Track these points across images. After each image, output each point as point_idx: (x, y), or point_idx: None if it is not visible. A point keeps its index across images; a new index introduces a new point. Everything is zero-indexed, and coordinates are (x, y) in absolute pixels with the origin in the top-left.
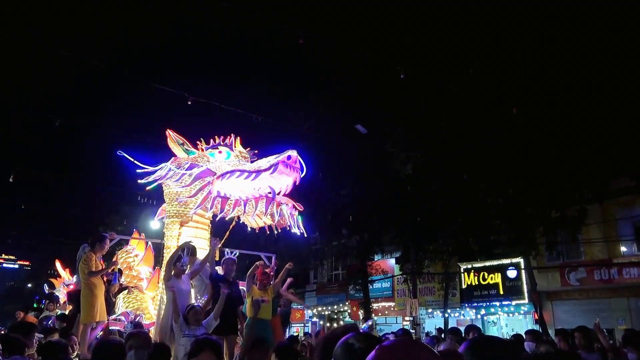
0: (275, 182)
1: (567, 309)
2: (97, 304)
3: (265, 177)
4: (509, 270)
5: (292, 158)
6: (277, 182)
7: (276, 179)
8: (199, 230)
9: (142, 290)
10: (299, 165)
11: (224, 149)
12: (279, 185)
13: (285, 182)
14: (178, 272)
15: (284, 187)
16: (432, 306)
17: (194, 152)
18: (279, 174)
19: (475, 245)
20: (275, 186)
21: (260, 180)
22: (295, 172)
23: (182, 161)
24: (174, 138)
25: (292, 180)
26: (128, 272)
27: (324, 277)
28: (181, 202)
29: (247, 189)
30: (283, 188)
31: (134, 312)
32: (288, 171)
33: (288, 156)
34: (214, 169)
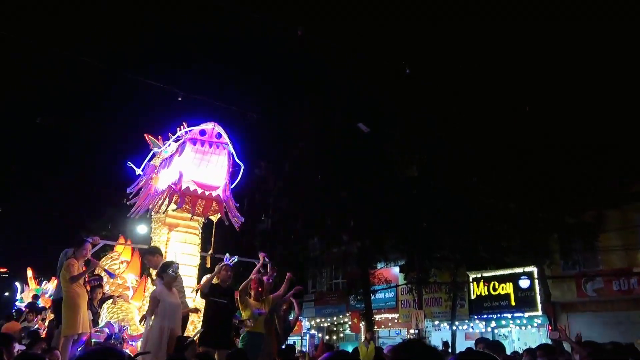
0: (212, 166)
1: (584, 322)
2: (79, 314)
3: (180, 162)
4: (522, 280)
5: (207, 132)
6: (213, 167)
7: (209, 162)
8: (189, 235)
9: (128, 299)
10: (226, 140)
11: (175, 142)
12: (219, 168)
13: (221, 162)
14: (169, 281)
15: (222, 170)
16: (438, 318)
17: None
18: (203, 155)
19: (485, 253)
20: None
21: (174, 166)
22: (223, 149)
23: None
24: (148, 141)
25: (225, 158)
26: (113, 280)
27: (323, 287)
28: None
29: (166, 180)
30: (221, 171)
31: (118, 323)
32: (212, 149)
33: (201, 131)
34: (156, 164)
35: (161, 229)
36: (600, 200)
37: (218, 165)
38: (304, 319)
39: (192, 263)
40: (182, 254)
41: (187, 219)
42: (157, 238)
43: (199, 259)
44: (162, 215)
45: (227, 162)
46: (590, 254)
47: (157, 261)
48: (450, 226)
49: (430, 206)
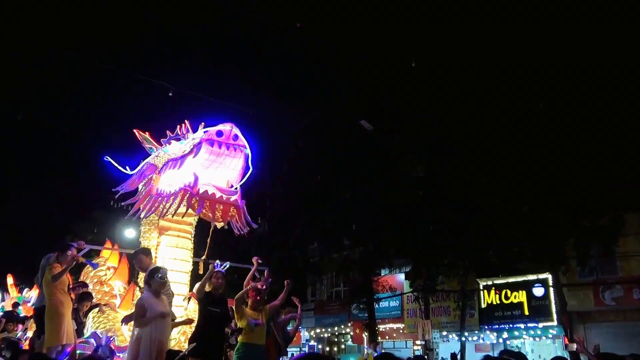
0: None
1: (602, 333)
2: (63, 324)
3: (193, 163)
4: (535, 288)
5: (224, 134)
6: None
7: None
8: (181, 240)
9: (115, 308)
10: (243, 142)
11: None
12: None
13: (234, 165)
14: (157, 287)
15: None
16: (446, 328)
17: (154, 149)
18: (217, 156)
19: (495, 259)
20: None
21: (186, 167)
22: (240, 152)
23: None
24: (138, 137)
25: (241, 162)
26: (99, 287)
27: (323, 295)
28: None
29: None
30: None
31: (105, 334)
32: (227, 151)
33: (217, 132)
34: (157, 163)
35: (151, 232)
36: (619, 202)
37: (231, 168)
38: (303, 330)
39: (184, 269)
40: (173, 259)
41: (180, 222)
42: (147, 242)
43: (191, 265)
44: (155, 218)
45: (242, 165)
46: (608, 260)
47: (148, 263)
48: (459, 230)
49: (437, 208)
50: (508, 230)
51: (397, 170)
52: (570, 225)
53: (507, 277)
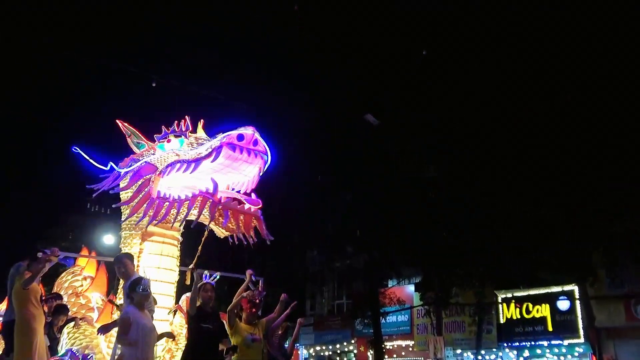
0: (235, 173)
1: (634, 351)
2: (35, 340)
3: (208, 168)
4: (560, 301)
5: (245, 138)
6: (237, 174)
7: (234, 169)
8: (166, 247)
9: (92, 322)
10: (262, 148)
11: (176, 136)
12: (243, 178)
13: (250, 172)
14: (140, 300)
15: (251, 179)
16: (461, 346)
17: (144, 145)
18: (234, 161)
19: (516, 269)
20: (237, 179)
21: (201, 172)
22: (259, 158)
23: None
24: (124, 129)
25: (258, 168)
26: (74, 299)
27: (324, 309)
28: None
29: (197, 185)
30: (250, 180)
31: (81, 351)
32: (246, 157)
33: (239, 135)
34: (156, 163)
35: (133, 238)
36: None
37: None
38: (301, 347)
39: (169, 279)
40: (157, 268)
41: (165, 227)
42: (128, 249)
43: (177, 274)
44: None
45: (257, 172)
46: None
47: (133, 270)
48: (475, 236)
49: (450, 212)
50: (530, 236)
51: (405, 170)
52: (599, 231)
53: (529, 289)
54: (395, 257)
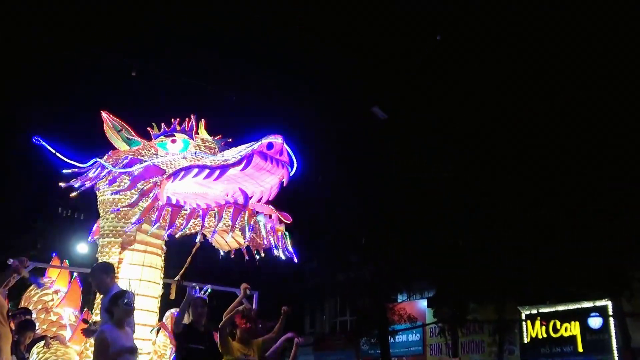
0: (251, 182)
1: None
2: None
3: (235, 176)
4: (591, 318)
5: (274, 147)
6: (253, 183)
7: (253, 178)
8: (149, 256)
9: (65, 341)
10: (286, 158)
11: (180, 136)
12: (257, 188)
13: (267, 183)
14: (121, 317)
15: (267, 191)
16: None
17: (138, 143)
18: (257, 171)
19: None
20: (251, 188)
21: (227, 179)
22: (282, 168)
23: (120, 155)
24: (110, 123)
25: (278, 179)
26: (44, 315)
27: (325, 326)
28: (120, 215)
29: (209, 193)
30: (265, 192)
31: None
32: (270, 166)
33: (269, 144)
34: (163, 165)
35: (111, 247)
36: None
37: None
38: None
39: (152, 293)
40: (138, 280)
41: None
42: (106, 259)
43: (160, 287)
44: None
45: (276, 183)
46: None
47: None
48: (494, 244)
49: (467, 218)
50: (557, 244)
51: (418, 169)
52: (635, 237)
53: (556, 305)
54: (405, 268)
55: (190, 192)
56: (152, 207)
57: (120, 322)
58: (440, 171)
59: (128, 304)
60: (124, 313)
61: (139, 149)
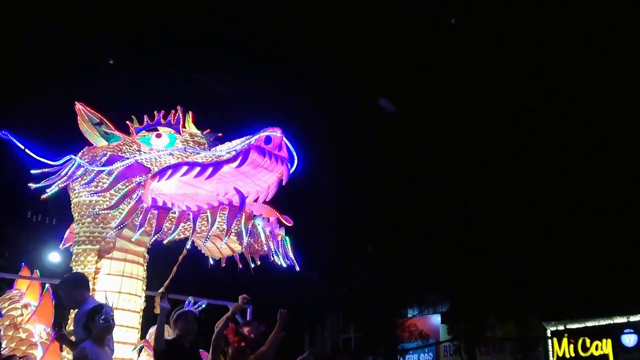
0: (247, 181)
1: None
2: None
3: (229, 174)
4: (625, 335)
5: (273, 141)
6: (249, 182)
7: (249, 177)
8: (129, 265)
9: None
10: (286, 153)
11: (166, 130)
12: (253, 187)
13: (264, 182)
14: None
15: (264, 190)
16: None
17: (118, 138)
18: (253, 168)
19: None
20: (247, 188)
21: (220, 178)
22: (281, 164)
23: (98, 152)
24: (85, 116)
25: (276, 177)
26: (12, 332)
27: (327, 343)
28: (98, 219)
29: (200, 194)
30: (262, 191)
31: None
32: (268, 163)
33: (266, 138)
34: (147, 163)
35: (87, 255)
36: None
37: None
38: None
39: (133, 307)
40: (117, 293)
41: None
42: (81, 268)
43: (143, 301)
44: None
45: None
46: None
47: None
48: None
49: (487, 224)
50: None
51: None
52: None
53: (586, 320)
54: (416, 279)
55: (178, 193)
56: (136, 210)
57: (100, 339)
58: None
59: (106, 319)
60: (102, 330)
61: (119, 144)
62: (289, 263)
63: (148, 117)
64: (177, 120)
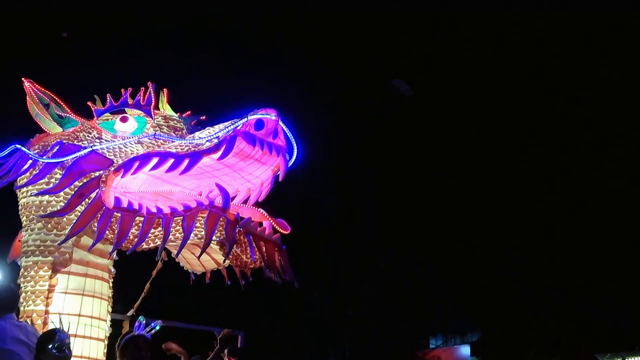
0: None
1: None
2: None
3: (211, 167)
4: None
5: (266, 126)
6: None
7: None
8: (90, 281)
9: None
10: (283, 141)
11: (134, 113)
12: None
13: (256, 177)
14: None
15: (256, 188)
16: None
17: (75, 122)
18: (242, 160)
19: (627, 319)
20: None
21: (200, 173)
22: (276, 155)
23: (50, 141)
24: (35, 95)
25: (272, 171)
26: None
27: None
28: (50, 224)
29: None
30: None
31: None
32: (260, 153)
33: (257, 122)
34: (109, 154)
35: (38, 269)
36: None
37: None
38: None
39: (96, 334)
40: (76, 316)
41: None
42: (31, 286)
43: (108, 325)
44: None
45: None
46: None
47: None
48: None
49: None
50: None
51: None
52: None
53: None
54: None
55: (148, 191)
56: (95, 213)
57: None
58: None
59: (60, 348)
60: None
61: (76, 130)
62: (286, 279)
63: (112, 97)
64: (147, 100)
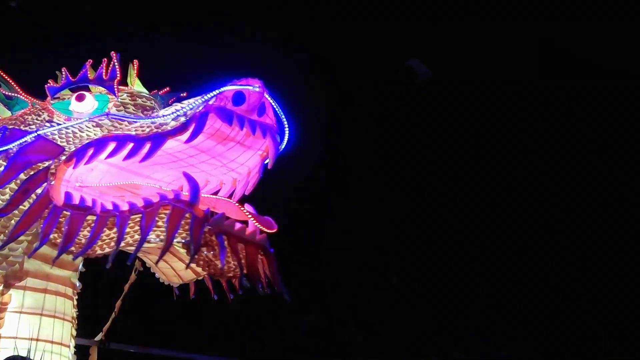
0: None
1: None
2: None
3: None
4: None
5: (248, 100)
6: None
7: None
8: (51, 298)
9: None
10: (271, 118)
11: (95, 90)
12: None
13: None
14: None
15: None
16: None
17: (25, 104)
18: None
19: None
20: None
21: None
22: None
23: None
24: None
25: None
26: None
27: None
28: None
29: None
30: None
31: None
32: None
33: (236, 95)
34: (60, 139)
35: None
36: None
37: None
38: None
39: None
40: (33, 340)
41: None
42: None
43: (72, 353)
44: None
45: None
46: None
47: None
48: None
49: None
50: None
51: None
52: None
53: None
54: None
55: (111, 185)
56: (41, 212)
57: None
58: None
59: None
60: None
61: (25, 113)
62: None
63: (68, 71)
64: (111, 74)
